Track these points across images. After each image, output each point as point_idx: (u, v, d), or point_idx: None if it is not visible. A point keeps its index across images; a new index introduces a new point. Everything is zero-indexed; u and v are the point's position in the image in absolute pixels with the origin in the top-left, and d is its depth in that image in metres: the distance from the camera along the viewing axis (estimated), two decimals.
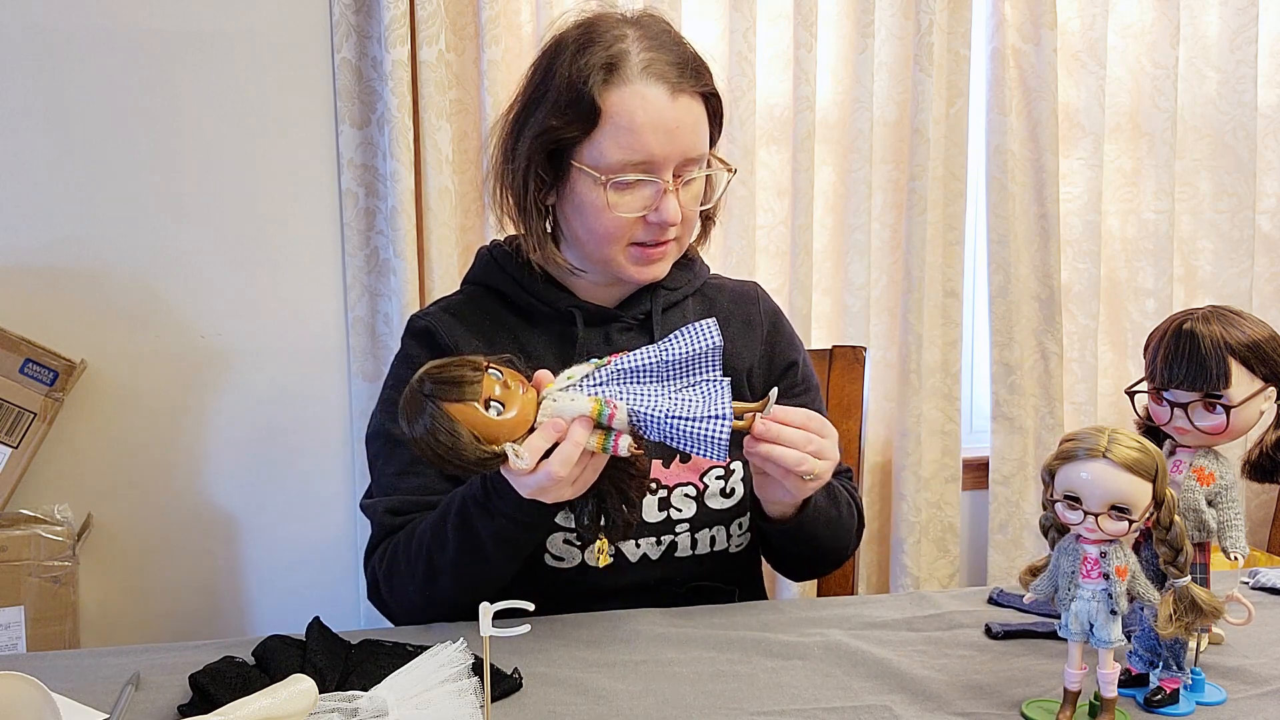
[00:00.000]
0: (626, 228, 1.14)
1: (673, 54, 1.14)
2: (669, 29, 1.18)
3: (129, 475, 1.93)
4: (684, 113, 1.12)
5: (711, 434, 0.92)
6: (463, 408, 0.90)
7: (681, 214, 1.14)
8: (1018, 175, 2.18)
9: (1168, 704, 0.87)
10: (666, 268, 1.20)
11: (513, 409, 0.92)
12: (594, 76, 1.10)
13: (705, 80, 1.17)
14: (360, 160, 1.94)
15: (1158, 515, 0.80)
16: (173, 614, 1.97)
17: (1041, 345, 2.22)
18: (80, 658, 1.01)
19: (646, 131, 1.10)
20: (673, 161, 1.12)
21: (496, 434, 0.91)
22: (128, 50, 1.86)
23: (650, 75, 1.11)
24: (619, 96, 1.10)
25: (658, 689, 0.91)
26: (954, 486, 2.22)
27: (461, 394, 0.90)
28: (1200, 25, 2.27)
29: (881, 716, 0.86)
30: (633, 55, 1.11)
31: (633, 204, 1.13)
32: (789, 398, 1.26)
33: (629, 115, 1.10)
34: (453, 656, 0.89)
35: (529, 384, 0.95)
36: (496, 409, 0.91)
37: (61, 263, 1.87)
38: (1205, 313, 0.91)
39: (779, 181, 2.11)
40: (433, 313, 1.25)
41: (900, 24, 2.11)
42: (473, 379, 0.91)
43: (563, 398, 0.94)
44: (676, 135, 1.11)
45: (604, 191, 1.12)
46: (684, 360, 0.96)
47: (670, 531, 1.17)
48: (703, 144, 1.15)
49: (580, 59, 1.11)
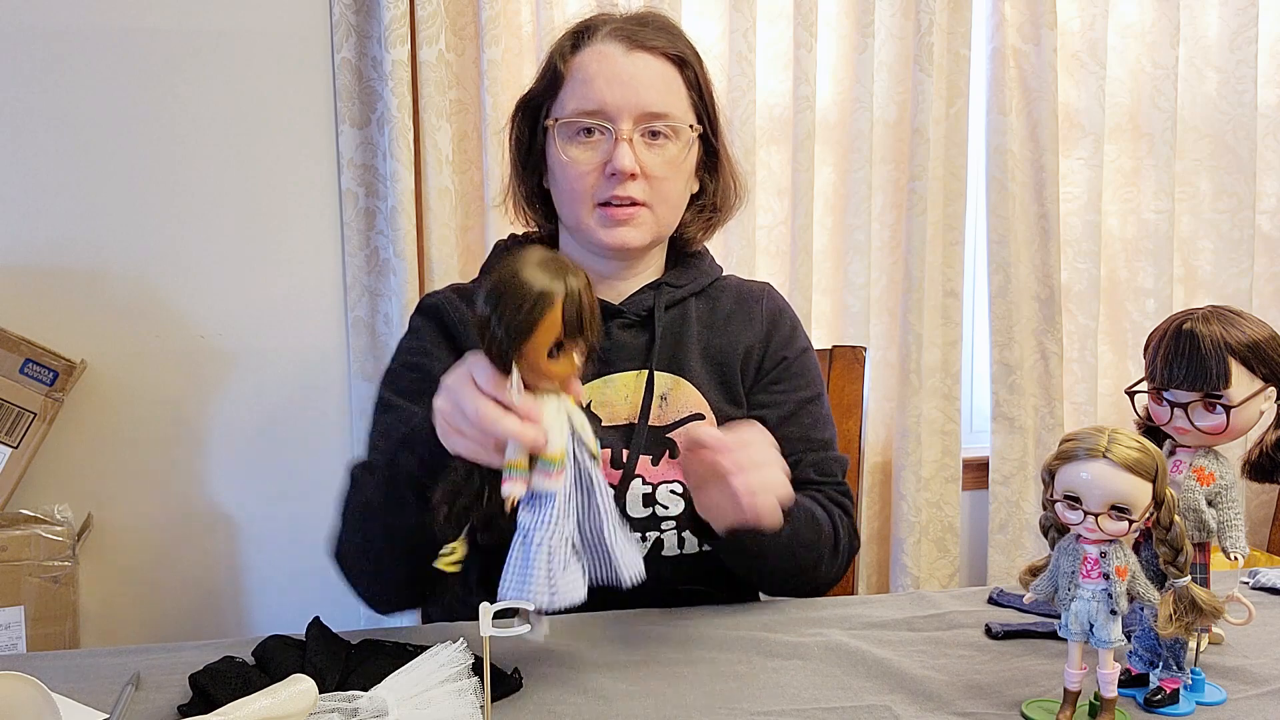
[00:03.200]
0: (588, 182, 1.16)
1: (645, 21, 1.19)
2: (662, 18, 1.21)
3: (129, 475, 1.93)
4: (640, 67, 1.16)
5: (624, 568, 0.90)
6: (551, 321, 0.83)
7: (645, 173, 1.15)
8: (1018, 175, 2.18)
9: (1168, 704, 0.87)
10: (639, 235, 1.18)
11: (559, 368, 0.85)
12: (565, 44, 1.20)
13: (678, 45, 1.19)
14: (360, 160, 1.94)
15: (1158, 515, 0.80)
16: (173, 614, 1.97)
17: (1041, 345, 2.22)
18: (80, 658, 1.01)
19: (599, 80, 1.15)
20: (627, 112, 1.14)
21: (537, 364, 0.84)
22: (128, 50, 1.86)
23: (610, 35, 1.18)
24: (581, 56, 1.18)
25: (658, 689, 0.91)
26: (954, 486, 2.22)
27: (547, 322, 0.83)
28: (1200, 25, 2.27)
29: (881, 716, 0.86)
30: (602, 25, 1.19)
31: (591, 157, 1.16)
32: (767, 385, 1.25)
33: (585, 68, 1.17)
34: (453, 656, 0.89)
35: (571, 377, 0.88)
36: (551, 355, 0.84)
37: (61, 263, 1.87)
38: (1205, 313, 0.91)
39: (779, 181, 2.11)
40: (443, 293, 1.27)
41: (900, 24, 2.11)
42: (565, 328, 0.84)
43: (571, 416, 0.88)
44: (631, 86, 1.14)
45: (564, 145, 1.17)
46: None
47: (656, 529, 1.16)
48: (665, 102, 1.17)
49: (561, 37, 1.21)
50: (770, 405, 1.24)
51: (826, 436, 1.27)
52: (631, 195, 1.16)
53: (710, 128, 1.23)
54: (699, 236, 1.28)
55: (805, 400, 1.26)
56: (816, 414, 1.27)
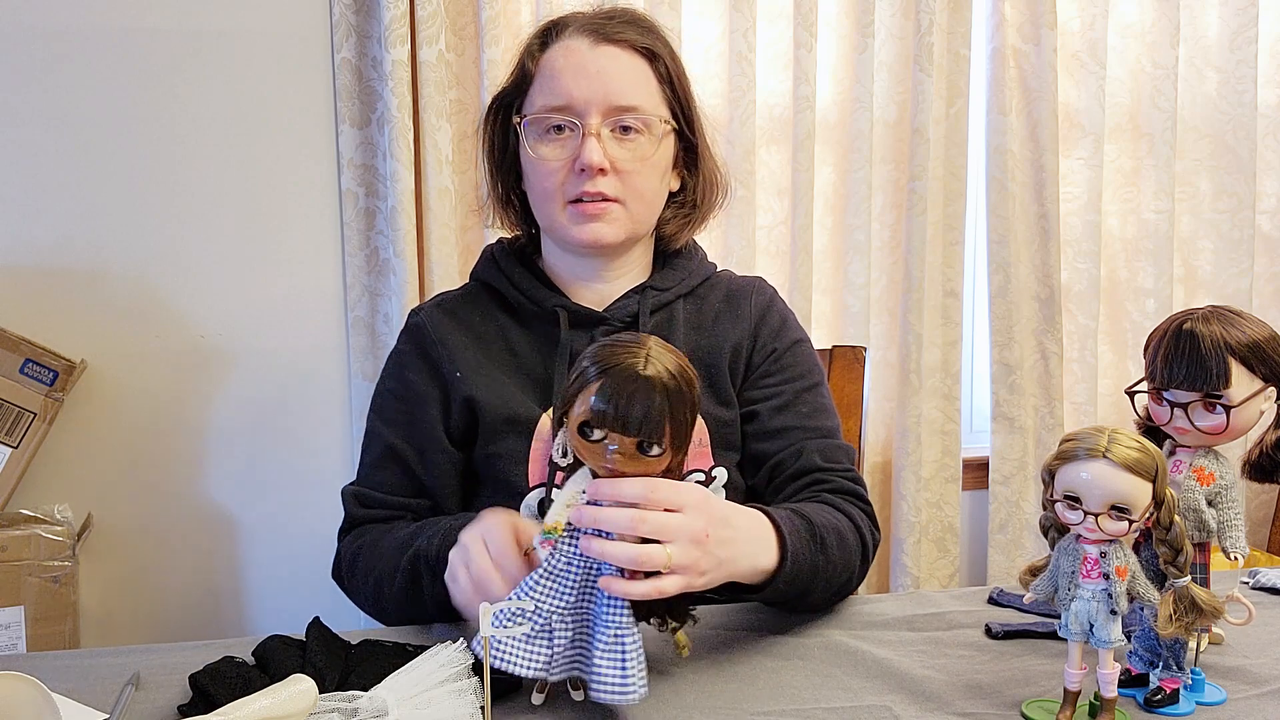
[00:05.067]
0: (558, 179, 1.15)
1: (613, 15, 1.18)
2: (632, 11, 1.21)
3: (129, 475, 1.93)
4: (607, 60, 1.15)
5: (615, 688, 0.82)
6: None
7: (616, 168, 1.14)
8: (1018, 175, 2.18)
9: (1168, 704, 0.87)
10: (612, 231, 1.16)
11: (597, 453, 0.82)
12: (534, 42, 1.20)
13: (647, 38, 1.17)
14: (360, 160, 1.94)
15: (1158, 515, 0.80)
16: (173, 614, 1.97)
17: (1041, 345, 2.22)
18: (80, 658, 1.01)
19: (566, 75, 1.15)
20: (595, 106, 1.13)
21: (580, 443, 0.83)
22: (128, 50, 1.86)
23: (578, 30, 1.17)
24: (548, 53, 1.18)
25: (658, 689, 0.91)
26: (954, 486, 2.22)
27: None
28: (1200, 25, 2.27)
29: (881, 716, 0.86)
30: (571, 21, 1.19)
31: (559, 153, 1.15)
32: (758, 379, 1.22)
33: (552, 64, 1.16)
34: (453, 656, 0.89)
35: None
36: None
37: (61, 263, 1.87)
38: (1205, 313, 0.91)
39: (779, 181, 2.11)
40: (427, 309, 1.26)
41: (900, 24, 2.11)
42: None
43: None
44: (598, 79, 1.13)
45: (534, 143, 1.16)
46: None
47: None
48: (634, 95, 1.15)
49: (530, 35, 1.21)
50: (763, 399, 1.21)
51: (829, 425, 1.22)
52: (602, 191, 1.14)
53: (686, 122, 1.21)
54: (680, 234, 1.25)
55: (802, 389, 1.22)
56: (815, 403, 1.22)
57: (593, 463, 0.83)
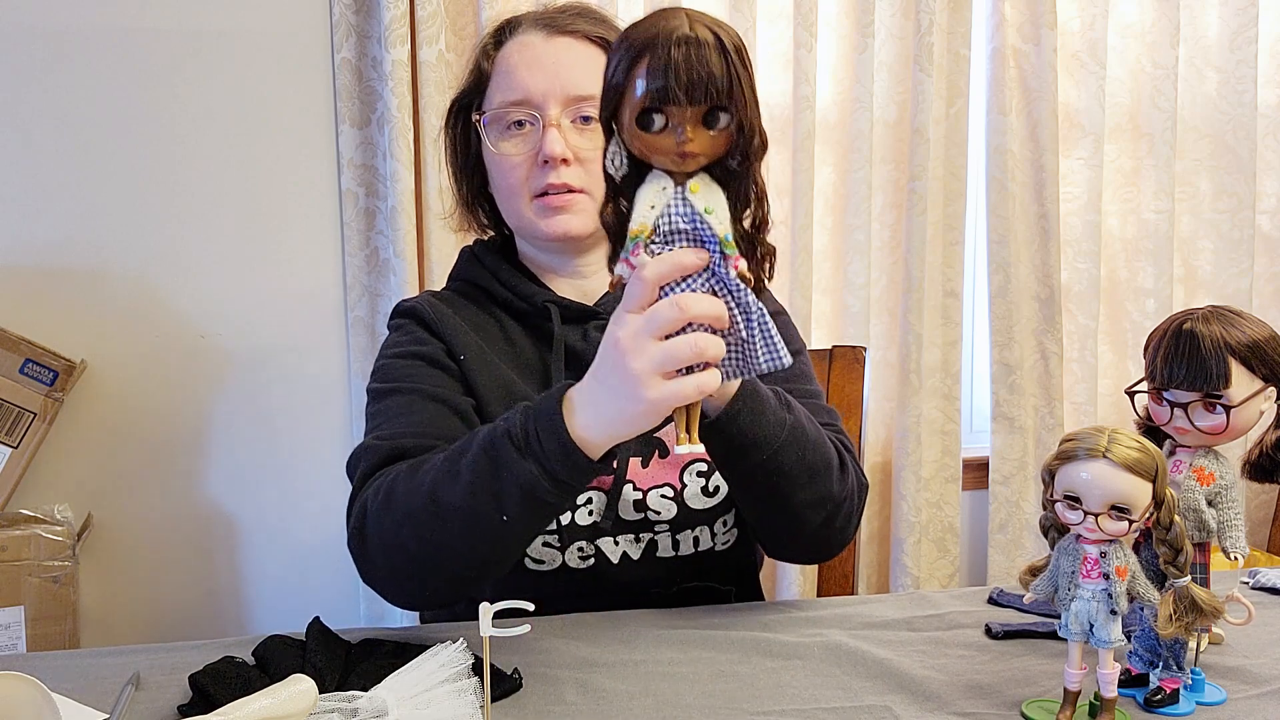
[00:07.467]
0: (521, 174, 1.15)
1: (565, 9, 1.18)
2: (584, 5, 1.21)
3: (129, 475, 1.93)
4: (563, 51, 1.15)
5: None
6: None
7: (579, 158, 1.13)
8: (1018, 175, 2.18)
9: (1168, 704, 0.87)
10: (580, 223, 1.15)
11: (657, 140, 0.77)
12: (488, 41, 1.20)
13: (600, 28, 1.17)
14: (360, 160, 1.94)
15: (1158, 515, 0.80)
16: (173, 614, 1.97)
17: (1041, 345, 2.22)
18: (80, 658, 1.01)
19: (521, 69, 1.14)
20: (553, 97, 1.13)
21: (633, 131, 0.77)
22: (128, 50, 1.86)
23: (530, 26, 1.17)
24: (503, 50, 1.18)
25: (658, 689, 0.91)
26: (954, 486, 2.22)
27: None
28: (1200, 25, 2.27)
29: (881, 716, 0.86)
30: (524, 19, 1.19)
31: (521, 148, 1.15)
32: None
33: (507, 60, 1.16)
34: (453, 656, 0.89)
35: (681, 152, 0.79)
36: None
37: (61, 263, 1.87)
38: (1205, 313, 0.91)
39: (779, 181, 2.11)
40: (419, 297, 1.24)
41: (900, 24, 2.11)
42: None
43: (688, 200, 0.79)
44: (554, 70, 1.13)
45: (496, 141, 1.16)
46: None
47: (649, 530, 1.14)
48: (592, 84, 1.09)
49: (484, 35, 1.21)
50: None
51: (811, 388, 1.20)
52: (567, 182, 1.13)
53: None
54: None
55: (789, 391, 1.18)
56: (794, 368, 1.16)
57: (663, 159, 0.78)
